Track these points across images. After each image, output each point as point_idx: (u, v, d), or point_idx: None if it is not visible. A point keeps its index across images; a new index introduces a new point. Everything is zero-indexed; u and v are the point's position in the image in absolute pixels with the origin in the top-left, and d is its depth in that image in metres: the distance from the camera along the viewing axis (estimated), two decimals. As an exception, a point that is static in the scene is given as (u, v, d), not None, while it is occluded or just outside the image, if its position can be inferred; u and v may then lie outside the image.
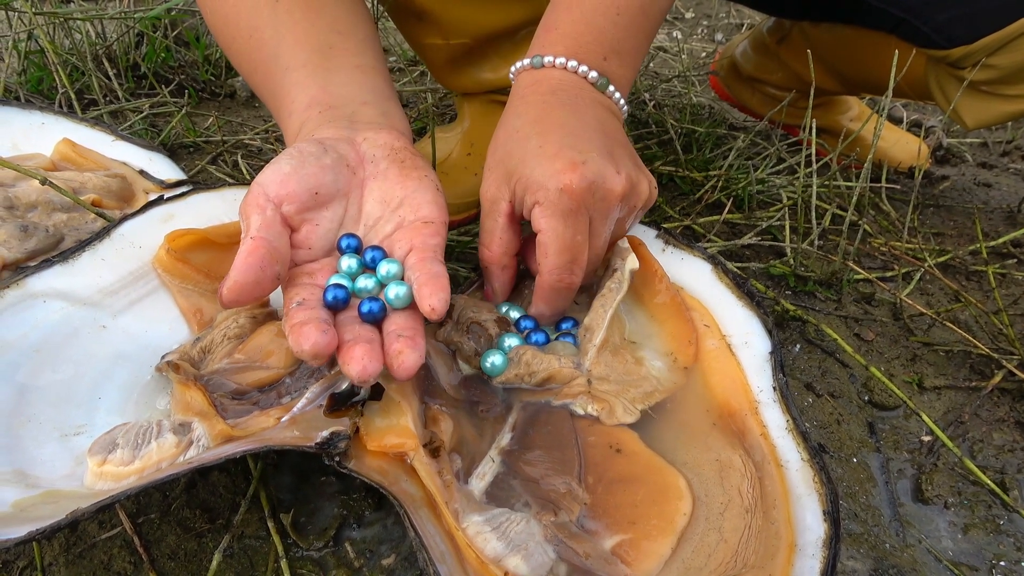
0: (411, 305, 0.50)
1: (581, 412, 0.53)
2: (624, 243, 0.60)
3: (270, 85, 0.60)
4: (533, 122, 0.55)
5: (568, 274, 0.53)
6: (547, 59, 0.59)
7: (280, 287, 0.50)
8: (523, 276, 0.62)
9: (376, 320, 0.49)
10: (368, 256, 0.52)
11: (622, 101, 0.61)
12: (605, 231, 0.56)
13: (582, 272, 0.54)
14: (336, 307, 0.49)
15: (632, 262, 0.58)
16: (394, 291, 0.49)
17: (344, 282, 0.50)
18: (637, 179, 0.55)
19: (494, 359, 0.54)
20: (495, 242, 0.56)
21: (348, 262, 0.51)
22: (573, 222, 0.52)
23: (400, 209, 0.53)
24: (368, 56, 0.61)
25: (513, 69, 0.61)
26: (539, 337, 0.57)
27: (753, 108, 1.19)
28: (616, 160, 0.54)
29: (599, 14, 0.59)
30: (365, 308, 0.49)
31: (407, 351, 0.45)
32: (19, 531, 0.40)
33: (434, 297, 0.47)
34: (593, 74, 0.58)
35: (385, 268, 0.50)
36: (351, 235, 0.52)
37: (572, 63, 0.58)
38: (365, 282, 0.50)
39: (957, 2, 0.79)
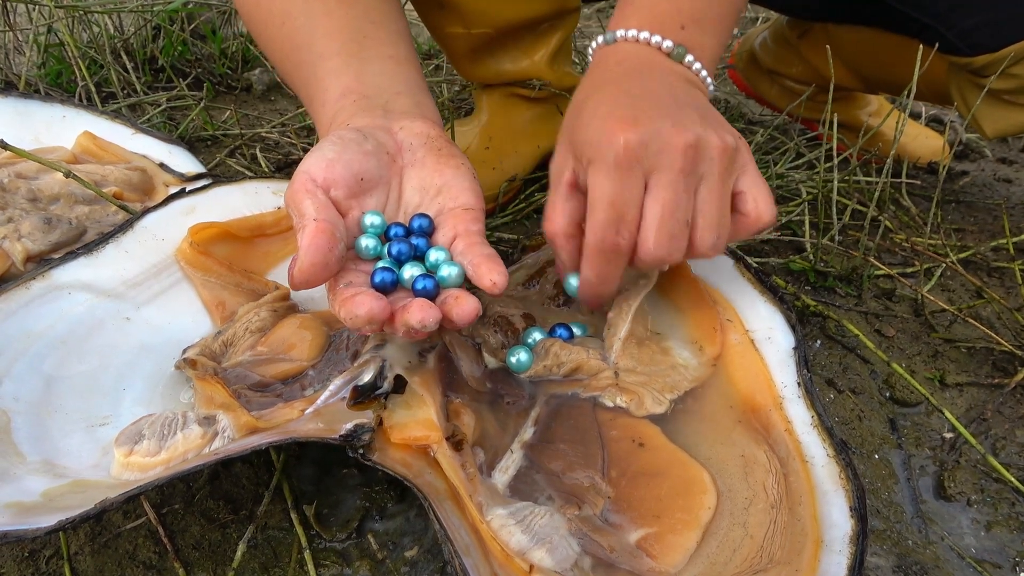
0: (461, 286, 0.50)
1: (610, 404, 0.53)
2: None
3: (302, 73, 0.60)
4: (591, 90, 0.54)
5: (613, 233, 0.50)
6: (619, 33, 0.57)
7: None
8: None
9: (430, 297, 0.49)
10: (415, 241, 0.52)
11: (703, 72, 0.57)
12: (709, 193, 0.51)
13: (631, 236, 0.50)
14: (384, 290, 0.49)
15: None
16: (447, 270, 0.50)
17: (391, 267, 0.50)
18: (703, 132, 0.50)
19: (520, 355, 0.55)
20: (556, 212, 0.54)
21: (398, 247, 0.51)
22: (619, 176, 0.49)
23: (439, 197, 0.53)
24: (401, 47, 0.60)
25: (592, 47, 0.60)
26: (563, 332, 0.57)
27: (772, 101, 1.18)
28: (677, 118, 0.50)
29: None
30: (420, 285, 0.48)
31: (464, 296, 0.47)
32: (49, 520, 0.41)
33: (494, 272, 0.48)
34: (668, 43, 0.55)
35: (434, 255, 0.50)
36: (399, 224, 0.52)
37: (644, 34, 0.55)
38: (412, 270, 0.50)
39: (983, 8, 0.78)
